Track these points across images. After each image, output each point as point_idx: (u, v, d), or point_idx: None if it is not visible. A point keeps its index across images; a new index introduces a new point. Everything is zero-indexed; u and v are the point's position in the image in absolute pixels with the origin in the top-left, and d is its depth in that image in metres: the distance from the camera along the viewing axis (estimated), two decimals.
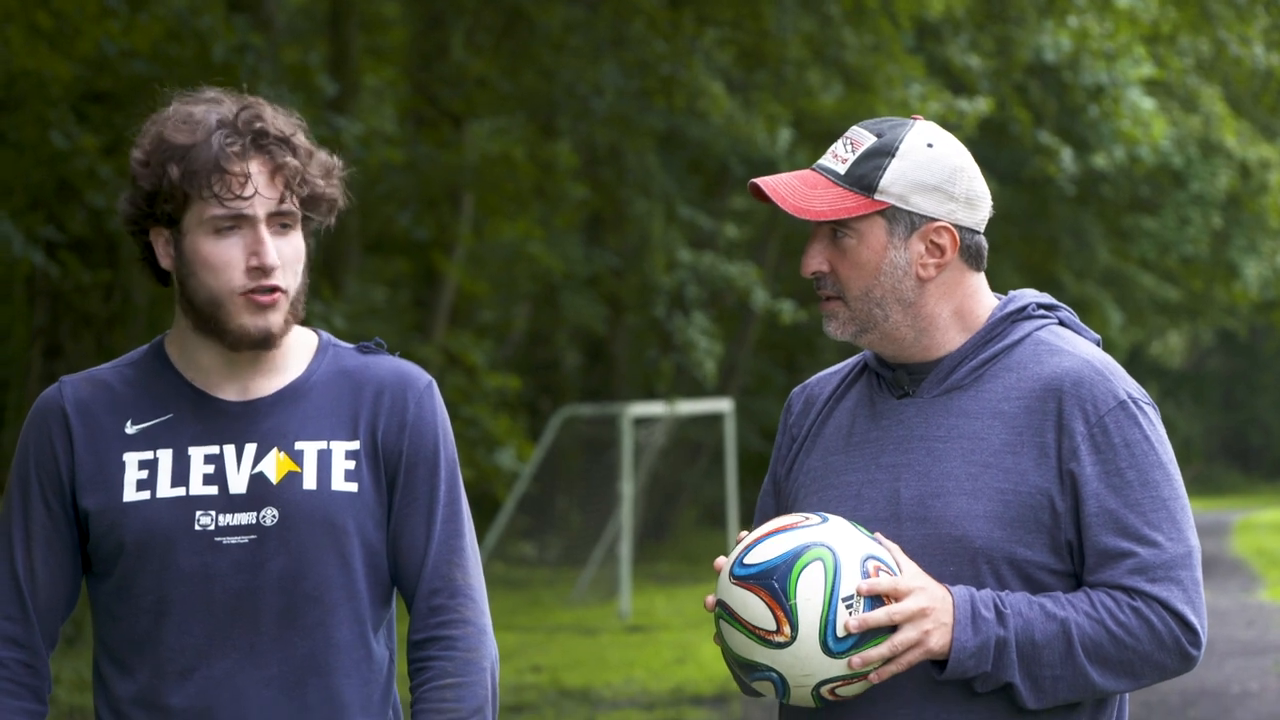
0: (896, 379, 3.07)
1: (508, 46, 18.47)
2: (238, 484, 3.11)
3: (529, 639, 17.14)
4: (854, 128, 3.07)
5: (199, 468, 3.12)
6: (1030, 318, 3.06)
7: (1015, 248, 29.03)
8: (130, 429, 3.14)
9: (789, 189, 3.01)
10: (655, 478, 24.60)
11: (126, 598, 3.14)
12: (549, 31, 17.93)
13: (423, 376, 3.22)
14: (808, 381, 3.24)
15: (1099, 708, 3.00)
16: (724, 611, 2.88)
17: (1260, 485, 49.89)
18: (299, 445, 3.13)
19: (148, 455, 3.12)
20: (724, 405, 22.28)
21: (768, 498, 3.21)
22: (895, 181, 3.00)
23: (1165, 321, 35.42)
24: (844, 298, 3.03)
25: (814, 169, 3.04)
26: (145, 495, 3.11)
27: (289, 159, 3.09)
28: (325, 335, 3.26)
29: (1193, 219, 26.13)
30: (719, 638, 2.92)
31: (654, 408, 21.99)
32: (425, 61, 19.97)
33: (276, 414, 3.14)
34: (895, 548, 2.90)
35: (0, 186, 13.34)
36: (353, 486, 3.14)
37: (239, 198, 3.05)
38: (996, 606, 2.88)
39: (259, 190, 3.07)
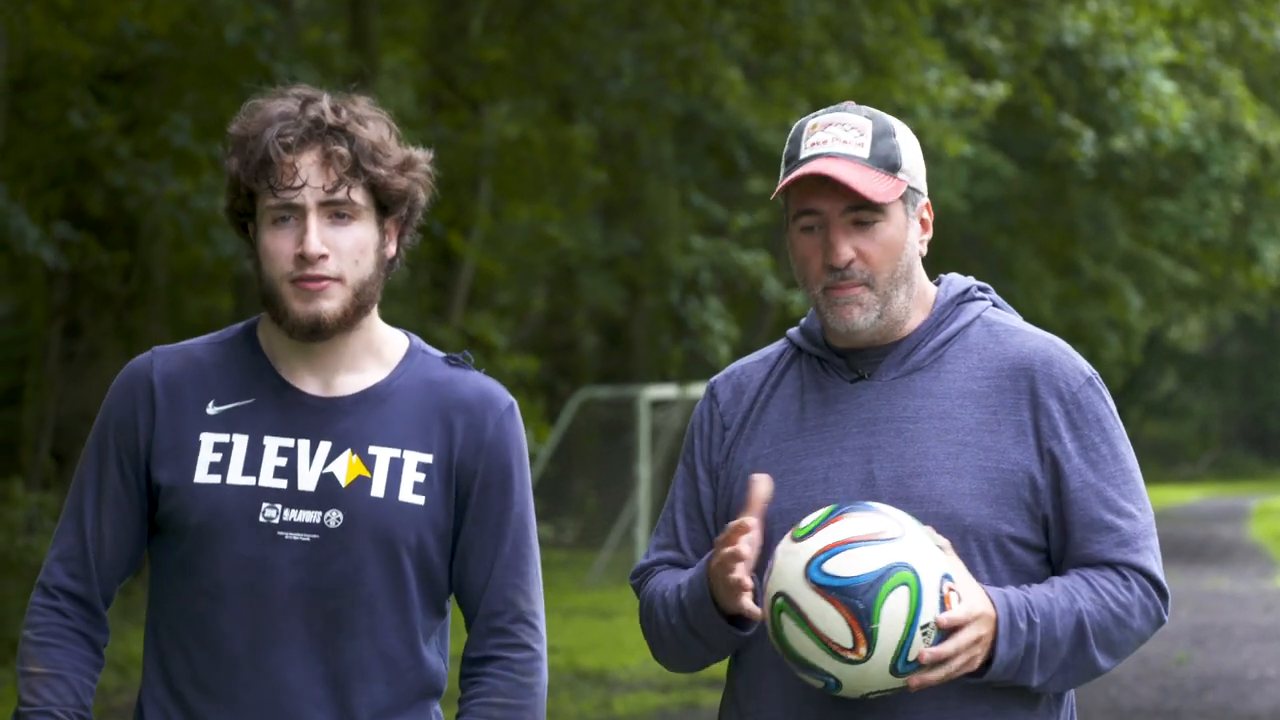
0: (850, 363, 3.06)
1: (526, 29, 18.46)
2: (307, 481, 3.13)
3: (545, 621, 17.15)
4: (825, 118, 3.02)
5: (271, 459, 3.14)
6: (975, 299, 3.08)
7: (1034, 231, 28.99)
8: (212, 409, 3.16)
9: (848, 172, 2.96)
10: (672, 460, 24.59)
11: (185, 575, 3.17)
12: (567, 14, 17.92)
13: (505, 398, 3.22)
14: (729, 369, 3.21)
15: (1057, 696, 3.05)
16: (793, 613, 2.82)
17: (1278, 471, 49.81)
18: (373, 450, 3.14)
19: (224, 438, 3.15)
20: None
21: (702, 486, 3.14)
22: (910, 159, 3.02)
23: (1184, 306, 35.37)
24: (871, 283, 3.02)
25: (832, 155, 2.98)
26: (216, 479, 3.14)
27: (341, 149, 3.10)
28: (416, 340, 3.26)
29: (1212, 203, 26.08)
30: (776, 631, 2.85)
31: (671, 390, 22.00)
32: (444, 43, 19.98)
33: (356, 415, 3.15)
34: (959, 564, 2.89)
35: (20, 166, 13.36)
36: (419, 499, 3.14)
37: (288, 188, 3.07)
38: (1028, 614, 2.89)
39: (309, 181, 3.08)
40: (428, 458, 3.15)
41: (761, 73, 19.73)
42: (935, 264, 3.19)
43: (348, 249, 3.10)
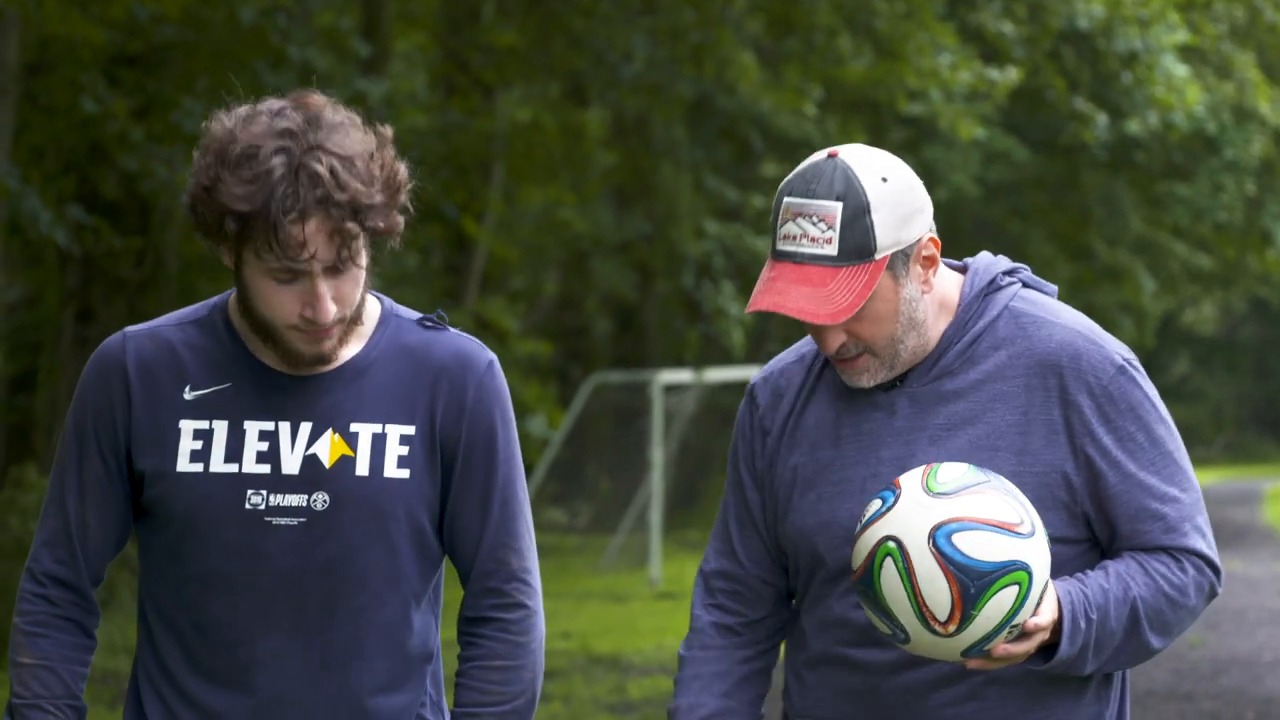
0: None
1: (538, 13, 18.45)
2: (290, 464, 3.09)
3: (559, 605, 17.17)
4: (797, 201, 2.94)
5: (253, 444, 3.10)
6: (1000, 288, 3.04)
7: (1047, 215, 28.95)
8: (189, 395, 3.11)
9: (804, 299, 2.93)
10: (686, 445, 24.59)
11: (175, 561, 3.15)
12: None
13: (483, 356, 3.16)
14: (768, 371, 3.18)
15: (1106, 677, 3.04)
16: (901, 564, 2.78)
17: None
18: (354, 427, 3.10)
19: (203, 425, 3.10)
20: (754, 373, 22.27)
21: (749, 493, 3.13)
22: (886, 233, 2.93)
23: (1198, 289, 35.33)
24: (872, 351, 2.99)
25: (798, 261, 2.94)
26: (198, 467, 3.10)
27: (345, 220, 2.99)
28: (388, 303, 3.21)
29: (1226, 186, 26.04)
30: (873, 568, 2.80)
31: (684, 375, 21.99)
32: (456, 28, 19.96)
33: (335, 392, 3.12)
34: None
35: (33, 150, 13.37)
36: (405, 473, 3.11)
37: (295, 260, 2.98)
38: (1087, 612, 2.89)
39: (317, 253, 2.99)
40: (410, 429, 3.11)
41: (774, 56, 19.71)
42: (949, 248, 3.15)
43: (349, 292, 3.05)
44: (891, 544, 2.79)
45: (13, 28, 12.14)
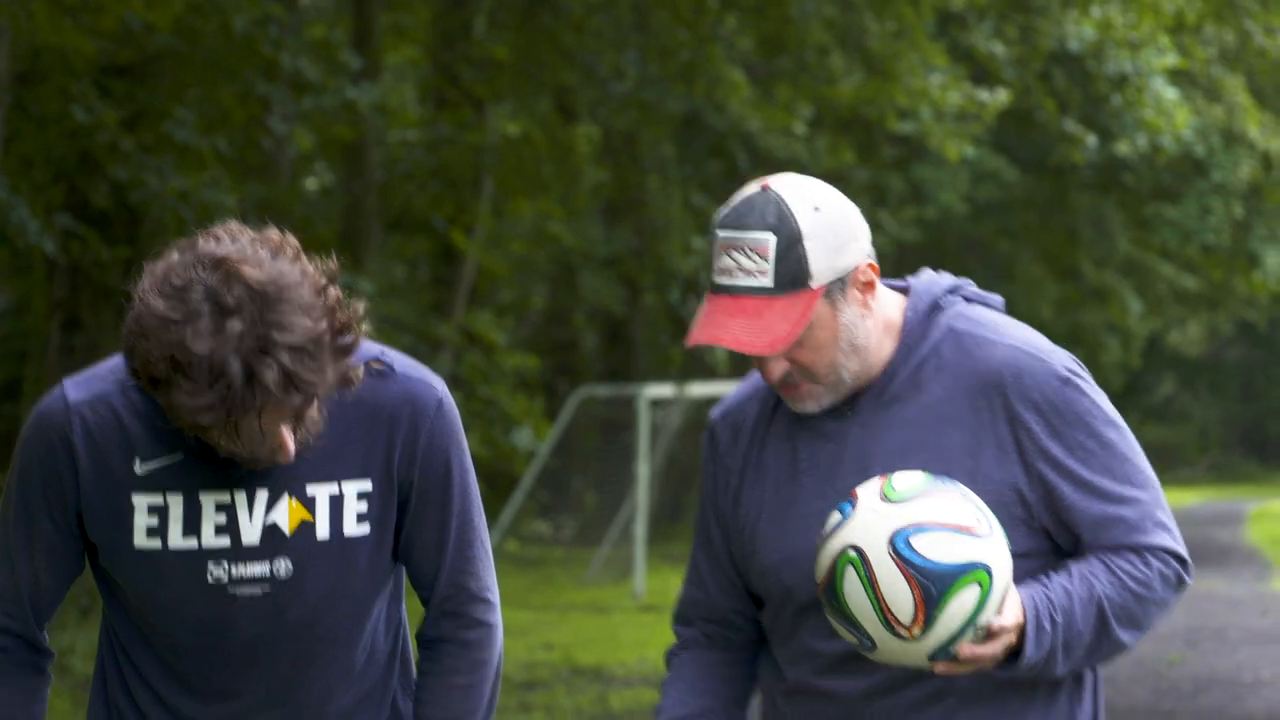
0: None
1: (530, 28, 18.48)
2: (250, 535, 3.05)
3: (542, 617, 17.18)
4: (730, 235, 2.96)
5: (210, 517, 3.04)
6: (942, 309, 3.06)
7: (1035, 235, 29.00)
8: (139, 469, 3.05)
9: (741, 330, 2.95)
10: (671, 459, 24.60)
11: (139, 624, 3.14)
12: (570, 14, 17.94)
13: (432, 398, 3.12)
14: (725, 406, 3.20)
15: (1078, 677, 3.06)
16: (863, 571, 2.81)
17: (1276, 475, 49.80)
18: (310, 490, 3.06)
19: (157, 500, 3.05)
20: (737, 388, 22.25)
21: (713, 528, 3.15)
22: (819, 260, 2.95)
23: (1184, 311, 35.38)
24: (813, 378, 3.01)
25: (734, 294, 2.95)
26: (156, 544, 3.05)
27: (309, 411, 2.93)
28: None
29: (1214, 208, 26.10)
30: (835, 579, 2.83)
31: (670, 390, 22.01)
32: (447, 41, 19.99)
33: None
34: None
35: (22, 160, 13.38)
36: (365, 529, 3.10)
37: (251, 442, 2.93)
38: (1051, 615, 2.91)
39: (268, 435, 2.92)
40: (366, 484, 3.08)
41: (765, 75, 19.75)
42: (936, 268, 3.17)
43: (313, 423, 2.99)
44: (852, 552, 2.82)
45: (3, 37, 12.17)
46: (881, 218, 24.76)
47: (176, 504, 3.04)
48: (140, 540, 3.05)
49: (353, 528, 3.09)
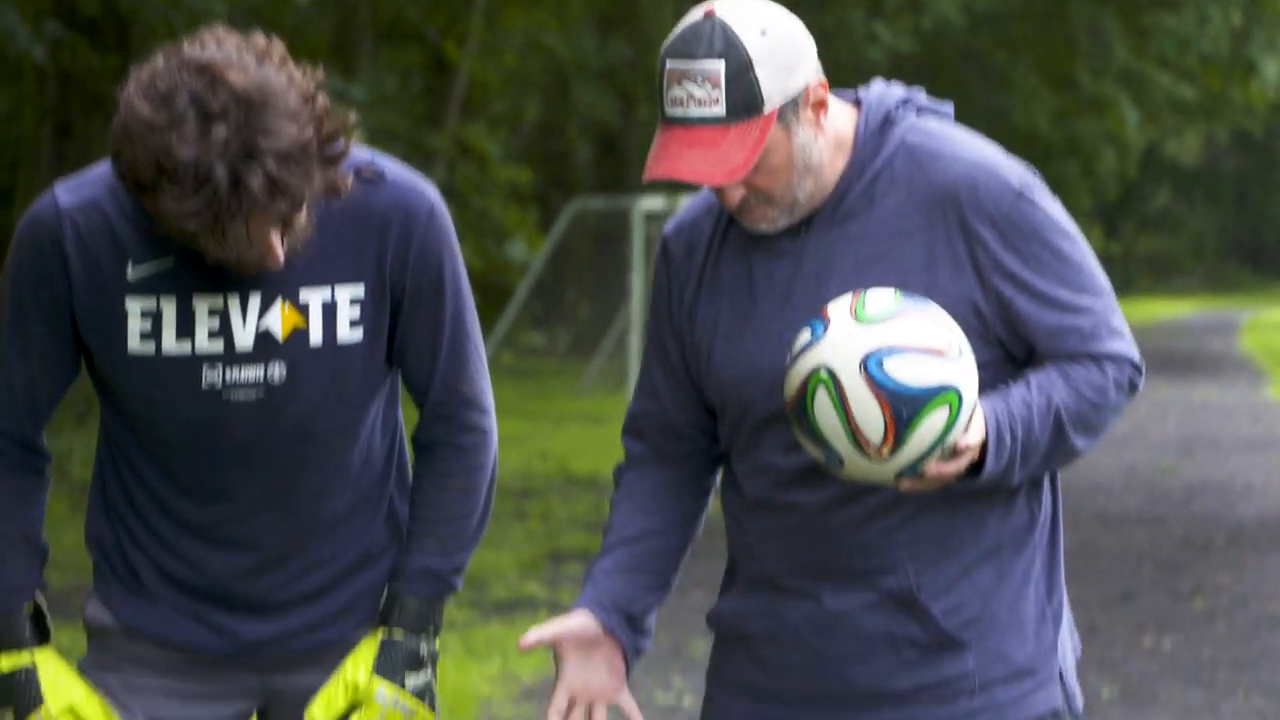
0: None
1: None
2: (243, 339, 3.04)
3: (537, 427, 17.28)
4: (680, 65, 2.93)
5: (204, 320, 3.03)
6: (895, 123, 3.04)
7: (1033, 45, 28.80)
8: (132, 273, 3.04)
9: (697, 161, 2.92)
10: None
11: (135, 428, 3.14)
12: None
13: (424, 203, 3.10)
14: (679, 221, 3.17)
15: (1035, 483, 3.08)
16: (834, 392, 2.81)
17: (1271, 284, 49.92)
18: (304, 295, 3.05)
19: (150, 304, 3.03)
20: None
21: (668, 340, 3.15)
22: (770, 84, 2.91)
23: (1182, 120, 35.24)
24: (770, 201, 2.99)
25: (688, 124, 2.93)
26: (149, 348, 3.05)
27: (297, 217, 2.92)
28: None
29: (1212, 16, 25.91)
30: (806, 398, 2.83)
31: (663, 202, 21.97)
32: None
33: None
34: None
35: None
36: (358, 334, 3.09)
37: (239, 247, 2.91)
38: (1011, 428, 2.92)
39: (255, 241, 2.91)
40: (359, 289, 3.08)
41: None
42: (932, 79, 3.14)
43: (301, 229, 2.98)
44: (824, 373, 2.82)
45: None
46: (878, 29, 24.57)
47: (170, 308, 3.04)
48: (134, 345, 3.05)
49: (346, 333, 3.08)
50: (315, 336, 3.06)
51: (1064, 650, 3.07)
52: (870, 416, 2.80)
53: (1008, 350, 3.00)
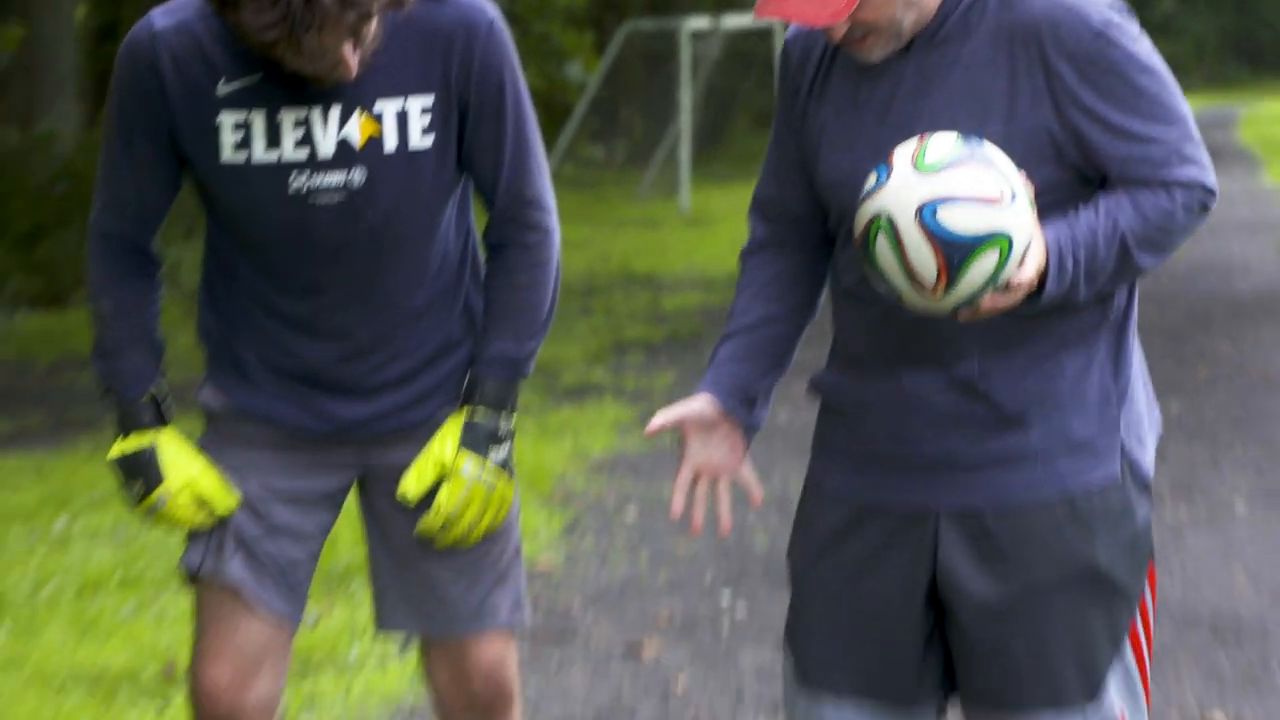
0: None
1: None
2: (325, 148, 3.08)
3: (598, 231, 17.29)
4: None
5: (290, 132, 3.07)
6: None
7: None
8: (222, 89, 3.08)
9: (804, 2, 2.86)
10: (711, 87, 24.45)
11: (234, 233, 3.19)
12: None
13: (483, 19, 3.13)
14: (797, 28, 3.12)
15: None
16: (892, 237, 2.80)
17: (1267, 81, 49.30)
18: (379, 106, 3.09)
19: (241, 117, 3.08)
20: (769, 20, 22.00)
21: (786, 135, 3.13)
22: None
23: None
24: (875, 31, 2.94)
25: None
26: (241, 158, 3.09)
27: (366, 28, 2.95)
28: None
29: None
30: (868, 240, 2.82)
31: (709, 21, 21.78)
32: None
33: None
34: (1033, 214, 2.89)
35: None
36: (429, 140, 3.13)
37: (314, 62, 2.96)
38: (1074, 253, 2.89)
39: (335, 50, 2.95)
40: (429, 99, 3.11)
41: None
42: None
43: (369, 40, 3.01)
44: (884, 219, 2.82)
45: None
46: None
47: (259, 120, 3.08)
48: (228, 155, 3.09)
49: (418, 140, 3.12)
50: (390, 143, 3.10)
51: (1132, 425, 3.04)
52: (924, 260, 2.80)
53: (1082, 173, 2.98)
